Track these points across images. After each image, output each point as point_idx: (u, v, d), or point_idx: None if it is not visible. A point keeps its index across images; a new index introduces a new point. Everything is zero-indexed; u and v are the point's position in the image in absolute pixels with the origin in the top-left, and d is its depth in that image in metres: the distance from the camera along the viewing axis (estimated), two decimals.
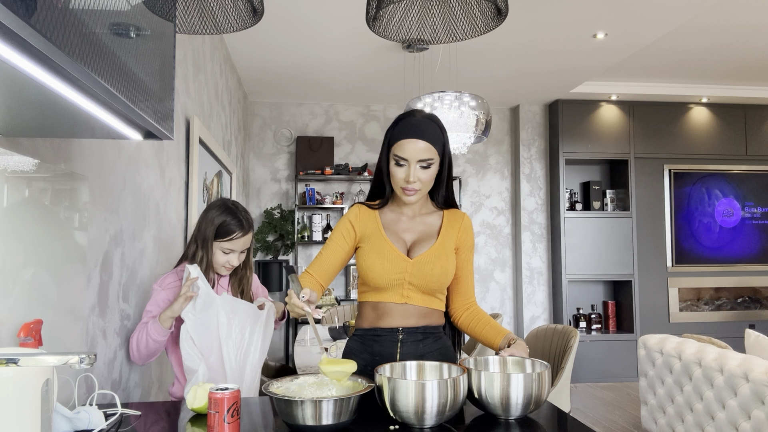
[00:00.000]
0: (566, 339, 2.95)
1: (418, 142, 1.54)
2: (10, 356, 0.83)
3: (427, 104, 3.31)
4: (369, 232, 1.63)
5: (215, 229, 1.77)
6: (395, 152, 1.56)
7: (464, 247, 1.69)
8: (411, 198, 1.59)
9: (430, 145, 1.55)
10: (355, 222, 1.65)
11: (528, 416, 1.32)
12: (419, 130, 1.55)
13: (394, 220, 1.66)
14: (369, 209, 1.67)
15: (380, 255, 1.59)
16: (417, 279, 1.58)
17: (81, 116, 0.89)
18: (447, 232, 1.66)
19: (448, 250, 1.64)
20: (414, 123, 1.56)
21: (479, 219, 5.75)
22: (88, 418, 1.21)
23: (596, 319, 5.56)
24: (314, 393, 1.32)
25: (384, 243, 1.60)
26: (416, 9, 1.72)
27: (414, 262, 1.59)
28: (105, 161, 1.69)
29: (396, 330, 1.60)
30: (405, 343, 1.60)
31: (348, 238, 1.64)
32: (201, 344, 1.68)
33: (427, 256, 1.60)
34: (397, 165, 1.56)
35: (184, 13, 1.65)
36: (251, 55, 4.23)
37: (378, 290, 1.61)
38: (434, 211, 1.70)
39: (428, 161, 1.55)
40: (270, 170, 5.55)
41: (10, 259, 1.14)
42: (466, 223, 1.69)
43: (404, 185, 1.57)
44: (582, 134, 5.50)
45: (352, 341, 1.69)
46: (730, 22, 3.83)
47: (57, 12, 0.58)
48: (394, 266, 1.58)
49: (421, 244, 1.63)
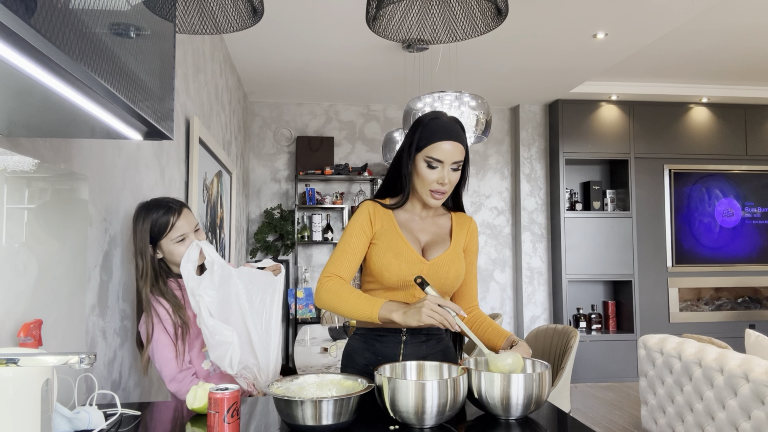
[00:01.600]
0: (566, 339, 2.95)
1: (455, 144, 1.54)
2: (10, 356, 0.83)
3: (427, 104, 3.30)
4: (384, 229, 1.61)
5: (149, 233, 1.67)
6: (430, 154, 1.54)
7: (470, 251, 1.69)
8: (437, 202, 1.58)
9: (462, 147, 1.56)
10: (374, 217, 1.62)
11: (528, 416, 1.32)
12: (455, 132, 1.55)
13: (408, 220, 1.65)
14: (382, 207, 1.64)
15: (398, 255, 1.57)
16: (432, 281, 1.57)
17: (81, 116, 0.89)
18: (458, 236, 1.66)
19: (459, 253, 1.64)
20: (447, 125, 1.56)
21: (479, 219, 5.75)
22: (88, 418, 1.21)
23: (596, 319, 5.56)
24: (314, 393, 1.32)
25: (402, 243, 1.59)
26: (416, 9, 1.72)
27: (430, 264, 1.59)
28: (105, 161, 1.69)
29: (400, 331, 1.60)
30: (408, 345, 1.60)
31: (367, 233, 1.60)
32: (223, 318, 1.64)
33: (444, 259, 1.60)
34: (430, 167, 1.55)
35: (184, 13, 1.65)
36: (251, 55, 4.23)
37: (389, 289, 1.60)
38: (444, 213, 1.71)
39: (459, 163, 1.56)
40: (270, 170, 5.55)
41: (10, 259, 1.14)
42: (473, 227, 1.71)
43: (436, 188, 1.56)
44: (582, 134, 5.50)
45: (354, 340, 1.69)
46: (730, 22, 3.83)
47: (57, 12, 0.58)
48: (410, 267, 1.57)
49: (436, 246, 1.63)
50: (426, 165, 1.55)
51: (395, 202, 1.65)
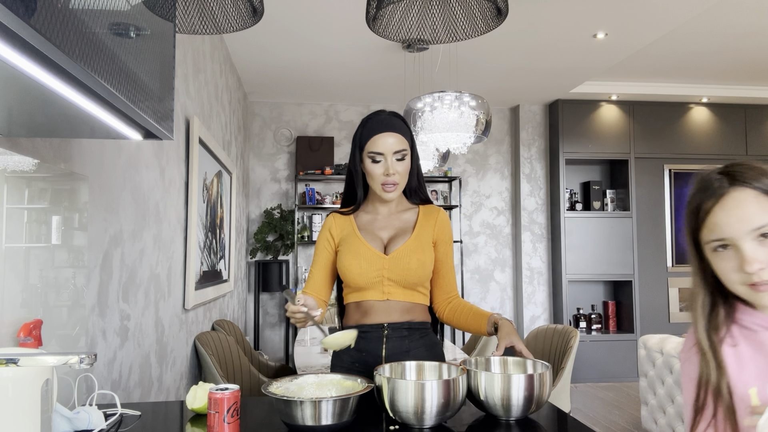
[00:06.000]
0: (566, 339, 2.95)
1: (393, 134, 1.61)
2: (10, 356, 0.83)
3: (427, 104, 3.30)
4: (345, 236, 1.68)
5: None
6: (371, 149, 1.61)
7: (441, 241, 1.71)
8: (391, 194, 1.63)
9: (402, 137, 1.62)
10: (333, 229, 1.70)
11: (528, 416, 1.32)
12: (390, 123, 1.62)
13: (369, 221, 1.71)
14: (343, 216, 1.72)
15: (356, 255, 1.62)
16: (395, 274, 1.61)
17: (81, 116, 0.89)
18: (423, 227, 1.69)
19: (424, 243, 1.67)
20: (383, 119, 1.63)
21: (479, 219, 5.75)
22: (88, 418, 1.21)
23: (596, 319, 5.56)
24: (314, 393, 1.32)
25: (359, 243, 1.64)
26: (416, 9, 1.72)
27: (390, 258, 1.62)
28: (105, 161, 1.69)
29: (381, 326, 1.63)
30: (390, 339, 1.63)
31: (330, 246, 1.70)
32: None
33: (403, 251, 1.63)
34: (374, 162, 1.61)
35: (184, 13, 1.65)
36: (251, 55, 4.23)
37: (359, 290, 1.64)
38: (410, 207, 1.74)
39: (402, 152, 1.61)
40: (270, 170, 5.55)
41: (10, 259, 1.14)
42: (442, 217, 1.73)
43: (384, 180, 1.61)
44: (582, 134, 5.50)
45: None
46: (730, 22, 3.83)
47: (57, 12, 0.57)
48: (370, 264, 1.61)
49: (397, 239, 1.67)
50: (371, 161, 1.62)
51: (353, 207, 1.72)
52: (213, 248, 3.38)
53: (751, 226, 0.94)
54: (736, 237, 0.94)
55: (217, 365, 2.78)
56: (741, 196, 0.96)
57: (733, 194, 0.97)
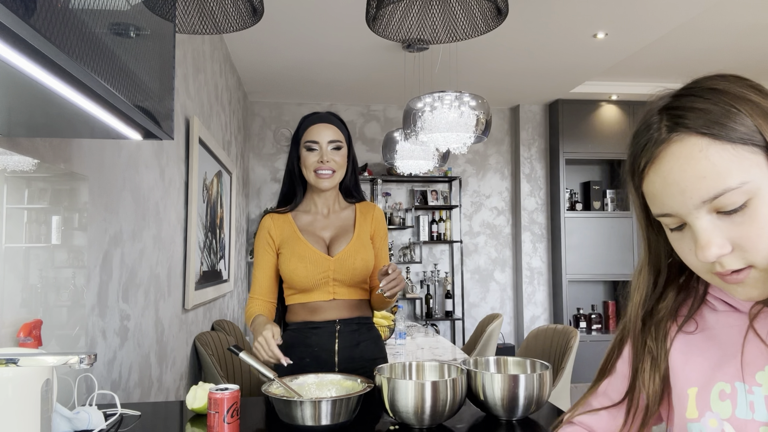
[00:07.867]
0: (566, 339, 2.95)
1: (327, 125, 1.69)
2: (9, 356, 0.83)
3: (427, 104, 3.30)
4: (285, 237, 1.69)
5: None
6: (306, 138, 1.67)
7: (377, 236, 1.76)
8: (326, 182, 1.66)
9: (337, 129, 1.70)
10: (272, 230, 1.71)
11: (528, 417, 1.32)
12: (326, 117, 1.72)
13: (309, 222, 1.73)
14: (280, 215, 1.74)
15: (301, 258, 1.64)
16: (341, 275, 1.65)
17: (81, 116, 0.89)
18: (361, 225, 1.74)
19: (365, 242, 1.71)
20: (320, 115, 1.73)
21: (479, 219, 5.75)
22: (87, 419, 1.21)
23: (596, 319, 5.56)
24: (313, 393, 1.32)
25: (303, 246, 1.66)
26: (416, 9, 1.72)
27: (336, 260, 1.65)
28: (105, 161, 1.69)
29: (333, 322, 1.66)
30: (342, 333, 1.67)
31: (271, 249, 1.71)
32: None
33: (348, 252, 1.67)
34: (309, 150, 1.66)
35: (184, 13, 1.65)
36: (251, 55, 4.22)
37: (305, 291, 1.67)
38: (347, 206, 1.79)
39: (337, 143, 1.68)
40: (270, 170, 5.55)
41: (10, 259, 1.14)
42: (378, 213, 1.78)
43: (318, 166, 1.65)
44: (582, 134, 5.50)
45: (287, 336, 1.71)
46: (730, 22, 3.83)
47: (57, 12, 0.57)
48: (316, 267, 1.64)
49: (340, 239, 1.70)
50: (306, 150, 1.67)
51: (290, 206, 1.74)
52: (213, 248, 3.38)
53: (699, 198, 0.62)
54: (681, 213, 0.65)
55: (217, 365, 2.78)
56: (682, 150, 0.64)
57: (672, 148, 0.65)
